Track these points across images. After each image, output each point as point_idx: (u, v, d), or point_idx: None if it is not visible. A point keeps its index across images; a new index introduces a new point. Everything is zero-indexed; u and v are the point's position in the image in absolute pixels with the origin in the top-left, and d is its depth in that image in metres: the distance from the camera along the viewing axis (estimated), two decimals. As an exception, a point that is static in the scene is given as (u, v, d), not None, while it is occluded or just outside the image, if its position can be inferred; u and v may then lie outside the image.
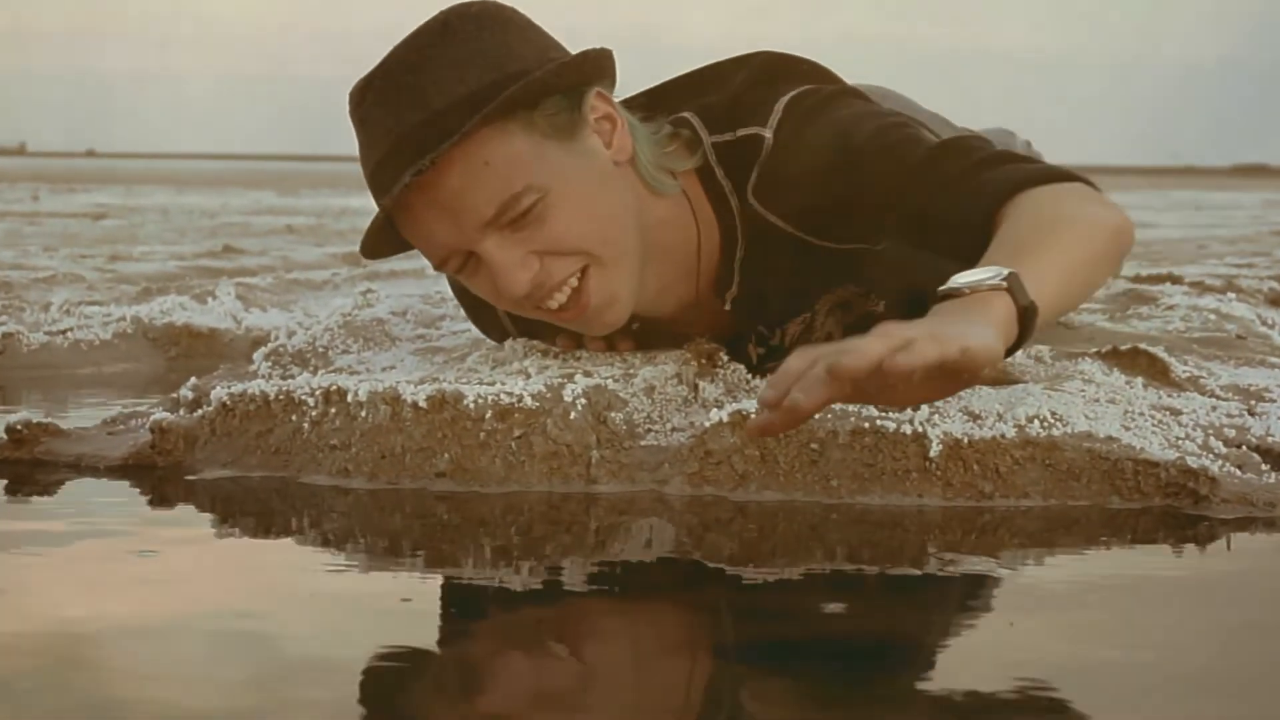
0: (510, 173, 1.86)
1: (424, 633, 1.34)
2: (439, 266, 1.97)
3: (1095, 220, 1.77)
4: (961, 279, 1.58)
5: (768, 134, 2.01)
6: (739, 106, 2.04)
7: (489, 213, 1.87)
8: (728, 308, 2.11)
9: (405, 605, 1.41)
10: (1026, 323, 1.57)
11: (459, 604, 1.44)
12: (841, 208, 1.98)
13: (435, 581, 1.51)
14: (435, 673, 1.22)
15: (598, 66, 1.95)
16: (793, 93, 2.03)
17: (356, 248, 5.35)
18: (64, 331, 3.02)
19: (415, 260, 5.74)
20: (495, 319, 2.25)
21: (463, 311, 2.79)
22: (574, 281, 1.93)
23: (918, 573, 1.52)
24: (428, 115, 1.85)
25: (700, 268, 2.09)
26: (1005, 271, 1.57)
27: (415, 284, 4.40)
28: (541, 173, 1.88)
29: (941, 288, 1.59)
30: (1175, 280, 3.93)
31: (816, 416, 1.81)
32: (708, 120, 2.05)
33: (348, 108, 1.94)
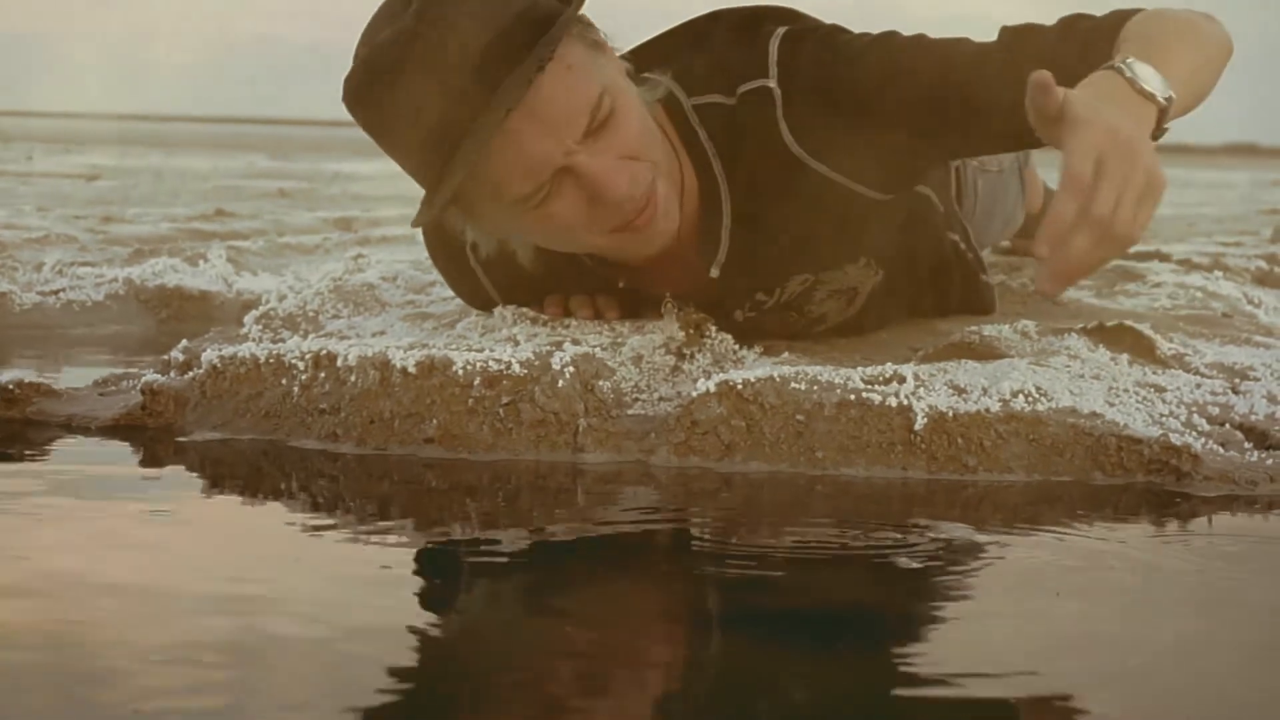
0: (589, 77, 1.87)
1: (409, 599, 1.35)
2: (528, 195, 1.89)
3: (1212, 30, 1.92)
4: (1141, 71, 1.70)
5: (772, 83, 2.00)
6: (725, 68, 2.03)
7: (584, 120, 1.86)
8: (714, 274, 2.11)
9: (390, 572, 1.42)
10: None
11: (443, 571, 1.46)
12: (912, 128, 1.97)
13: (421, 548, 1.52)
14: (419, 639, 1.23)
15: None
16: (778, 36, 2.02)
17: (346, 212, 5.28)
18: (56, 292, 3.03)
19: (406, 226, 5.74)
20: (478, 286, 2.25)
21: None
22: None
23: (900, 544, 1.54)
24: (507, 25, 1.82)
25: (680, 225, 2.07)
26: (1169, 93, 1.70)
27: (405, 250, 4.40)
28: (605, 78, 1.89)
29: (1119, 64, 1.70)
30: (1163, 257, 3.94)
31: (802, 388, 1.82)
32: (686, 83, 2.04)
33: (398, 29, 1.84)
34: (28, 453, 1.86)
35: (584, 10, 1.92)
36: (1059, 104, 1.61)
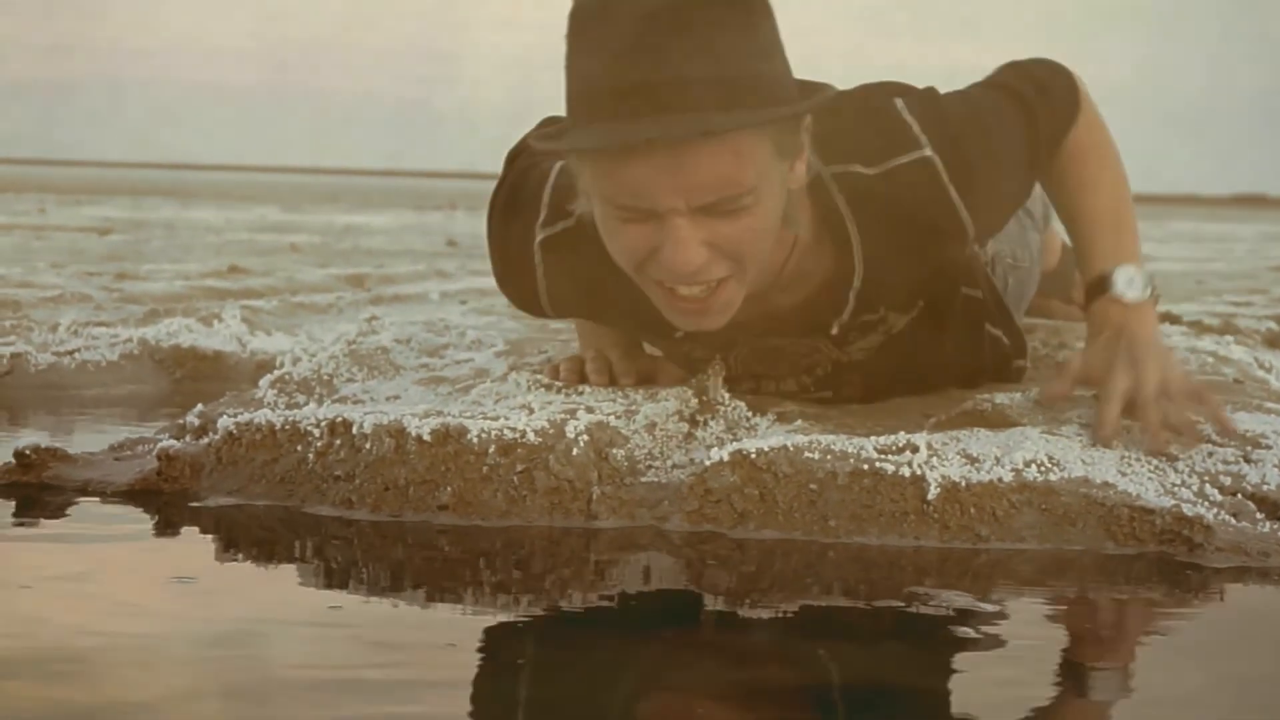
0: (746, 172, 1.82)
1: (422, 665, 1.36)
2: (618, 205, 1.85)
3: (1121, 179, 2.24)
4: (1127, 289, 2.14)
5: (929, 151, 2.03)
6: (861, 139, 2.03)
7: (711, 198, 1.82)
8: (835, 331, 2.15)
9: (406, 638, 1.43)
10: None
11: (459, 637, 1.46)
12: (1030, 171, 2.19)
13: (436, 614, 1.53)
14: (430, 706, 1.24)
15: None
16: (902, 106, 2.06)
17: (359, 268, 5.30)
18: (71, 352, 3.04)
19: (419, 284, 5.78)
20: (530, 280, 2.19)
21: (466, 339, 2.81)
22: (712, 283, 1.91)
23: (911, 614, 1.54)
24: (717, 74, 1.77)
25: (772, 285, 2.07)
26: (1150, 290, 2.16)
27: (418, 309, 4.42)
28: (761, 182, 1.85)
29: (1113, 292, 2.15)
30: (1174, 319, 3.94)
31: (816, 457, 1.83)
32: (820, 150, 2.00)
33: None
34: (44, 518, 1.87)
35: None
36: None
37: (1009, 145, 2.12)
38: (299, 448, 1.93)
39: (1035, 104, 2.15)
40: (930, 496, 1.78)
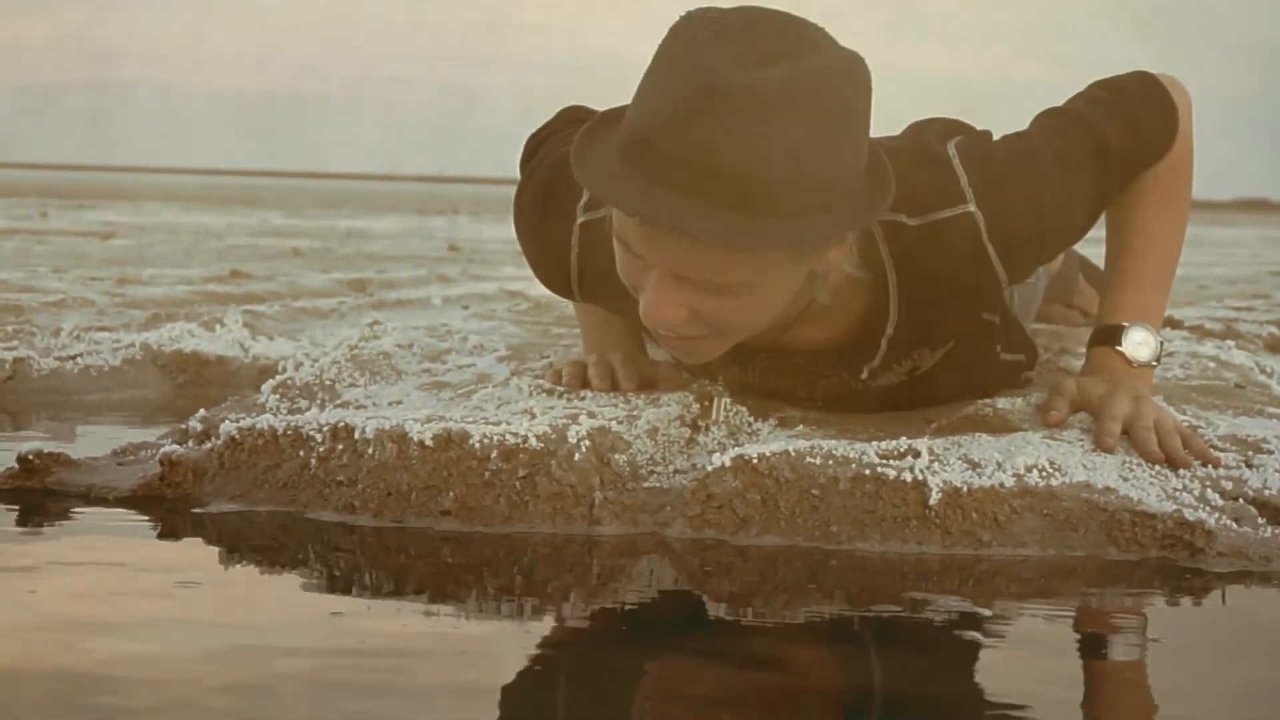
0: (738, 270, 1.75)
1: (425, 672, 1.36)
2: (620, 231, 1.81)
3: (1178, 235, 2.24)
4: (1136, 349, 2.13)
5: (972, 207, 1.96)
6: (909, 187, 1.91)
7: (695, 278, 1.76)
8: (864, 376, 2.10)
9: (409, 644, 1.43)
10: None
11: (463, 643, 1.46)
12: (1085, 222, 2.12)
13: (439, 620, 1.53)
14: (435, 713, 1.24)
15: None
16: (954, 155, 1.99)
17: (361, 273, 5.30)
18: (74, 357, 3.04)
19: (421, 289, 5.78)
20: (565, 275, 2.15)
21: (468, 344, 2.81)
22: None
23: (914, 620, 1.54)
24: (744, 173, 1.67)
25: (795, 321, 2.02)
26: (1157, 356, 2.14)
27: (420, 314, 4.42)
28: (760, 278, 1.77)
29: (1121, 347, 2.13)
30: (1175, 324, 3.95)
31: (818, 463, 1.83)
32: None
33: (696, 71, 1.68)
34: (47, 523, 1.87)
35: None
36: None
37: (1065, 199, 2.02)
38: (301, 453, 1.94)
39: (1117, 150, 2.07)
40: (932, 502, 1.78)
